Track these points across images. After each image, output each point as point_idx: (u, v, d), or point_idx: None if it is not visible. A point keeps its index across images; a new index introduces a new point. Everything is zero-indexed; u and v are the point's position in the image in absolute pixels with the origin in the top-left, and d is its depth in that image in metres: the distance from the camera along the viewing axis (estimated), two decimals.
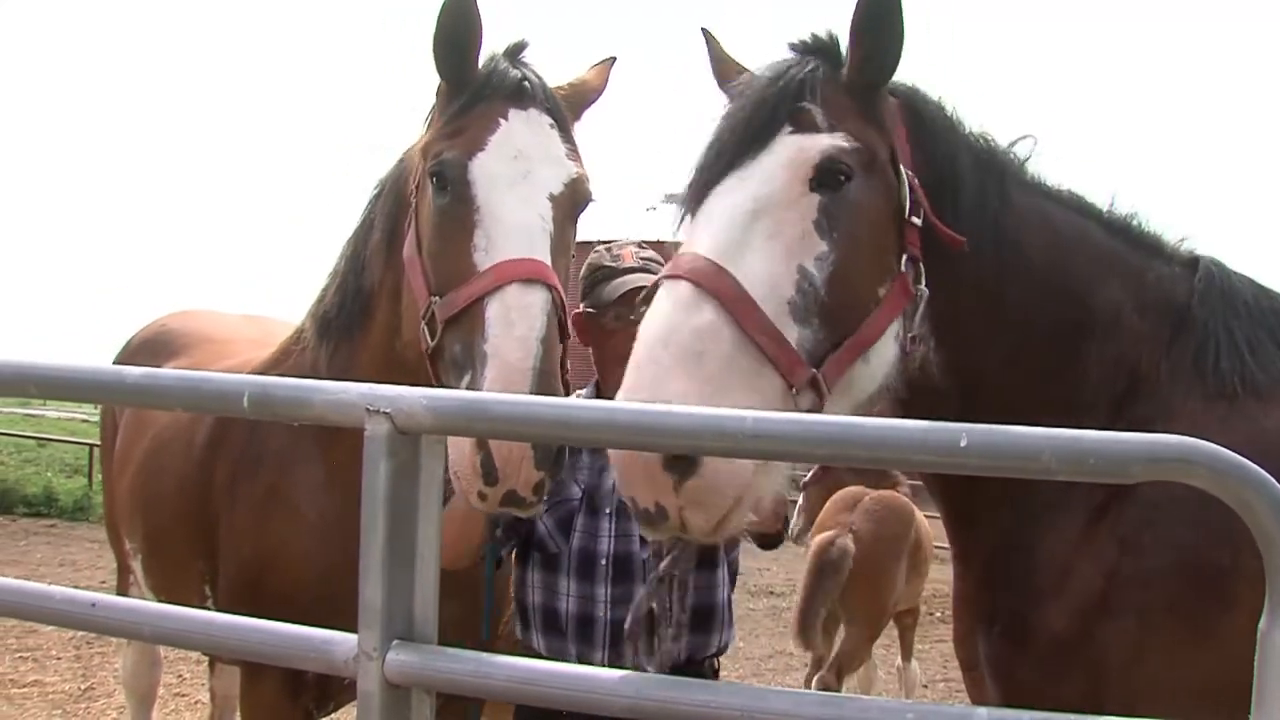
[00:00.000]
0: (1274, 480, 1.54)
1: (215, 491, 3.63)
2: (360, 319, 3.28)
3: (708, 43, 2.75)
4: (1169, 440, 1.60)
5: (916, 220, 2.33)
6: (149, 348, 4.95)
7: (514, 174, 2.83)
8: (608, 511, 3.15)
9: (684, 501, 2.00)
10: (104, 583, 11.37)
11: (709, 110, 2.47)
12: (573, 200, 2.93)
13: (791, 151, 2.25)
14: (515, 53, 3.06)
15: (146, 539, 4.21)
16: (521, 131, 2.91)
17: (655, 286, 2.21)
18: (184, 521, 3.80)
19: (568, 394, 2.80)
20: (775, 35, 2.56)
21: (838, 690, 7.58)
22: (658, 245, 3.34)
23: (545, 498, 2.56)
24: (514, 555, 3.32)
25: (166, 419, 4.01)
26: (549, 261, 2.73)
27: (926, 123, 2.48)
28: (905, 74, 2.46)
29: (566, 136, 3.01)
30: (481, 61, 2.99)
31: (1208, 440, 1.53)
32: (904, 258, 2.31)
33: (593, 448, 3.10)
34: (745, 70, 2.57)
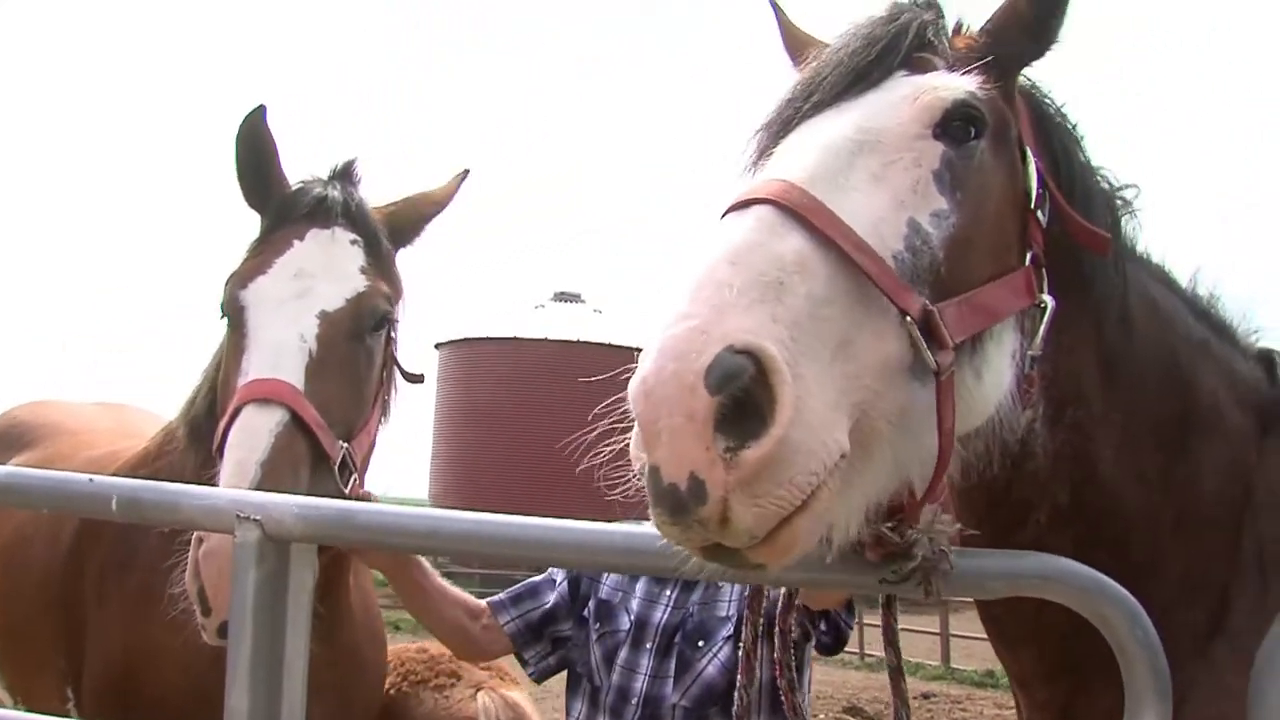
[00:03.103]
0: (1129, 595, 1.64)
1: (84, 587, 3.51)
2: None
3: (777, 15, 2.35)
4: (1027, 557, 1.72)
5: (1042, 216, 1.93)
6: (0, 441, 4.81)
7: (286, 294, 2.80)
8: (648, 647, 3.05)
9: (737, 480, 1.37)
10: None
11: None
12: (355, 315, 2.86)
13: (912, 89, 1.82)
14: (341, 174, 3.08)
15: (5, 635, 4.05)
16: (312, 250, 2.89)
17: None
18: (47, 617, 3.66)
19: None
20: None
21: None
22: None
23: None
24: (568, 681, 3.25)
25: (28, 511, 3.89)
26: (300, 379, 2.67)
27: (1053, 123, 2.10)
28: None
29: (372, 252, 2.98)
30: (300, 180, 3.02)
31: None
32: (1028, 254, 1.89)
33: (628, 573, 3.06)
34: (823, 44, 2.10)
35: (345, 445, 2.74)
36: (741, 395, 1.37)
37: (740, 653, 2.30)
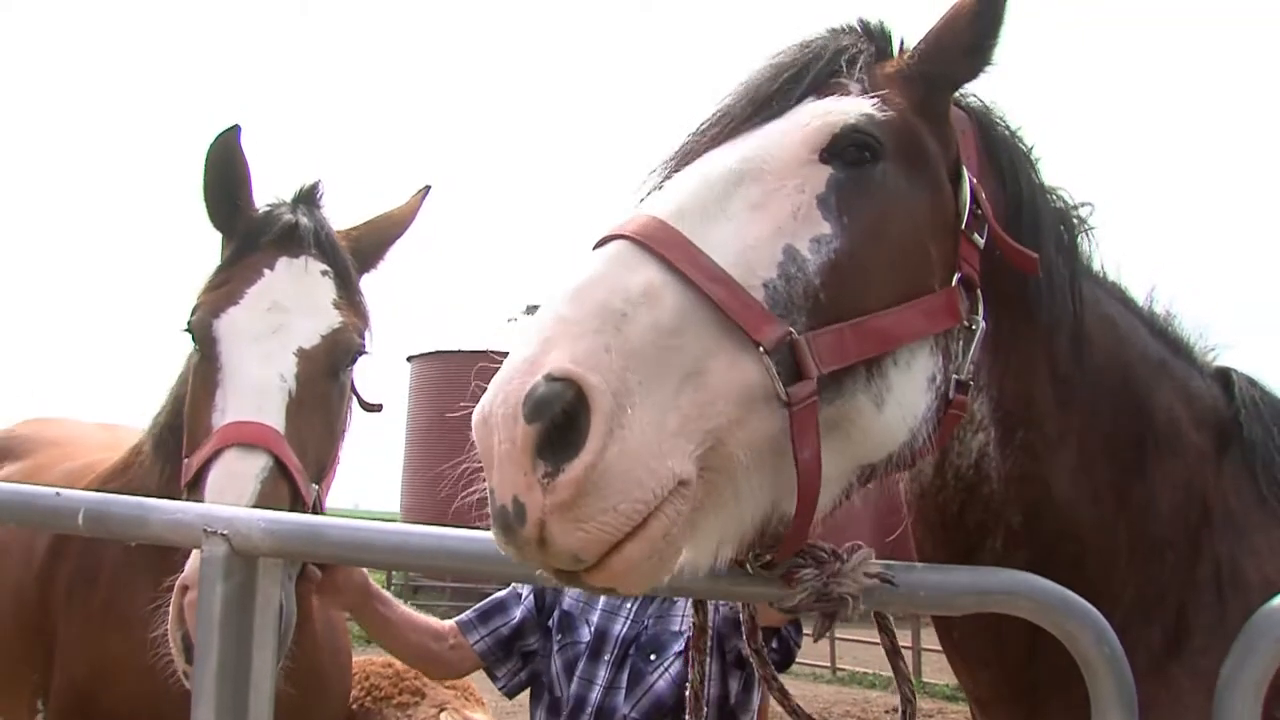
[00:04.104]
0: (1095, 611, 1.66)
1: (54, 602, 3.51)
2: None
3: None
4: (996, 573, 1.74)
5: (978, 238, 1.89)
6: None
7: (262, 328, 2.77)
8: (605, 658, 3.09)
9: (552, 504, 1.40)
10: None
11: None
12: (331, 352, 2.85)
13: (807, 115, 1.80)
14: (305, 197, 3.04)
15: None
16: (284, 282, 2.86)
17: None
18: (21, 632, 3.65)
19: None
20: None
21: None
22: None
23: None
24: (531, 690, 3.29)
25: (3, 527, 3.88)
26: (281, 421, 2.65)
27: (1002, 143, 2.09)
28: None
29: (343, 284, 2.96)
30: (267, 204, 2.98)
31: None
32: (955, 276, 1.85)
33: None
34: None
35: (316, 487, 2.74)
36: (563, 421, 1.40)
37: (688, 692, 2.32)
